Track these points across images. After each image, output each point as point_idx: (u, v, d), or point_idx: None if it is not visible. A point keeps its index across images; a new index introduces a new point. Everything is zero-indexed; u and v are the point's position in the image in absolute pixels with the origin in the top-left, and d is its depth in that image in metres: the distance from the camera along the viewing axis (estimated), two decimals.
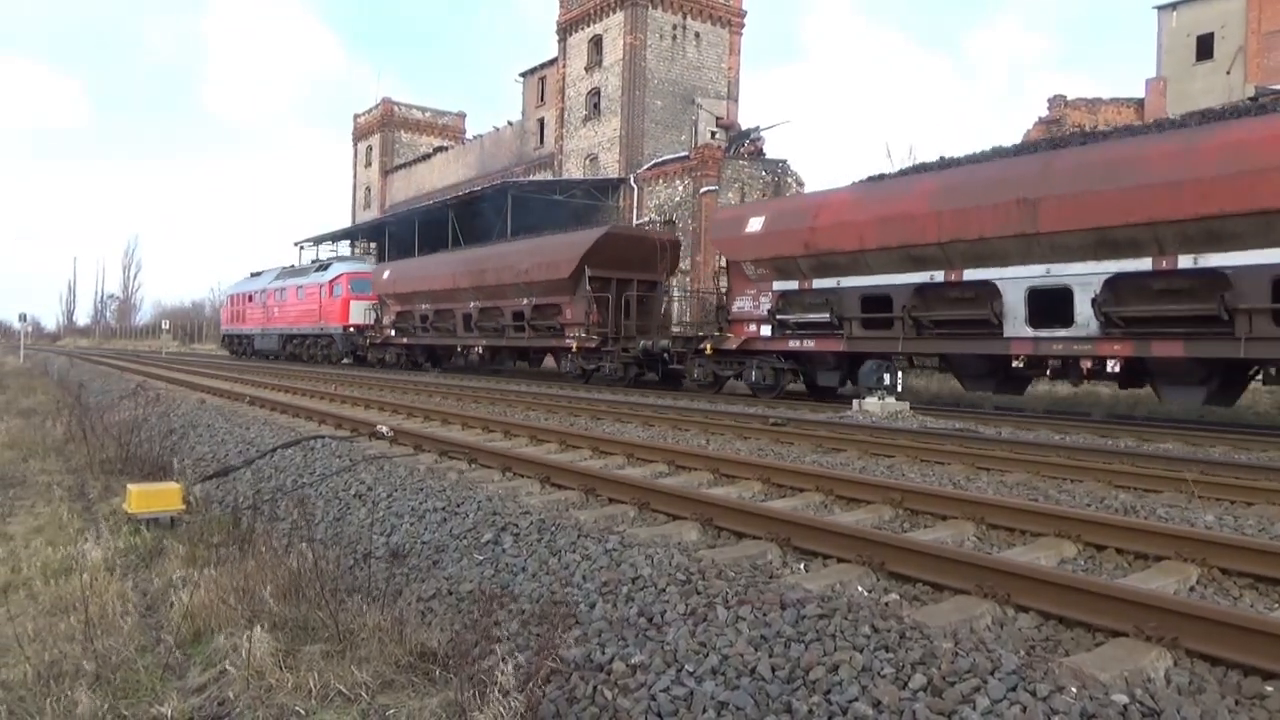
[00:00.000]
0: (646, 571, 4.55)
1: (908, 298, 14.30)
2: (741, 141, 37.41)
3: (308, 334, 35.69)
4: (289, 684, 3.79)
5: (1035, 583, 4.07)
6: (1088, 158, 12.29)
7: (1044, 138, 14.65)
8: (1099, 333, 12.09)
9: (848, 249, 14.95)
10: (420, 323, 28.36)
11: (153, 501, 7.00)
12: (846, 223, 14.99)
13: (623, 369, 20.44)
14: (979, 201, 13.09)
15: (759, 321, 16.89)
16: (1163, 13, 35.58)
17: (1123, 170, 11.58)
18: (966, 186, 13.60)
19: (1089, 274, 12.13)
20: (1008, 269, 13.00)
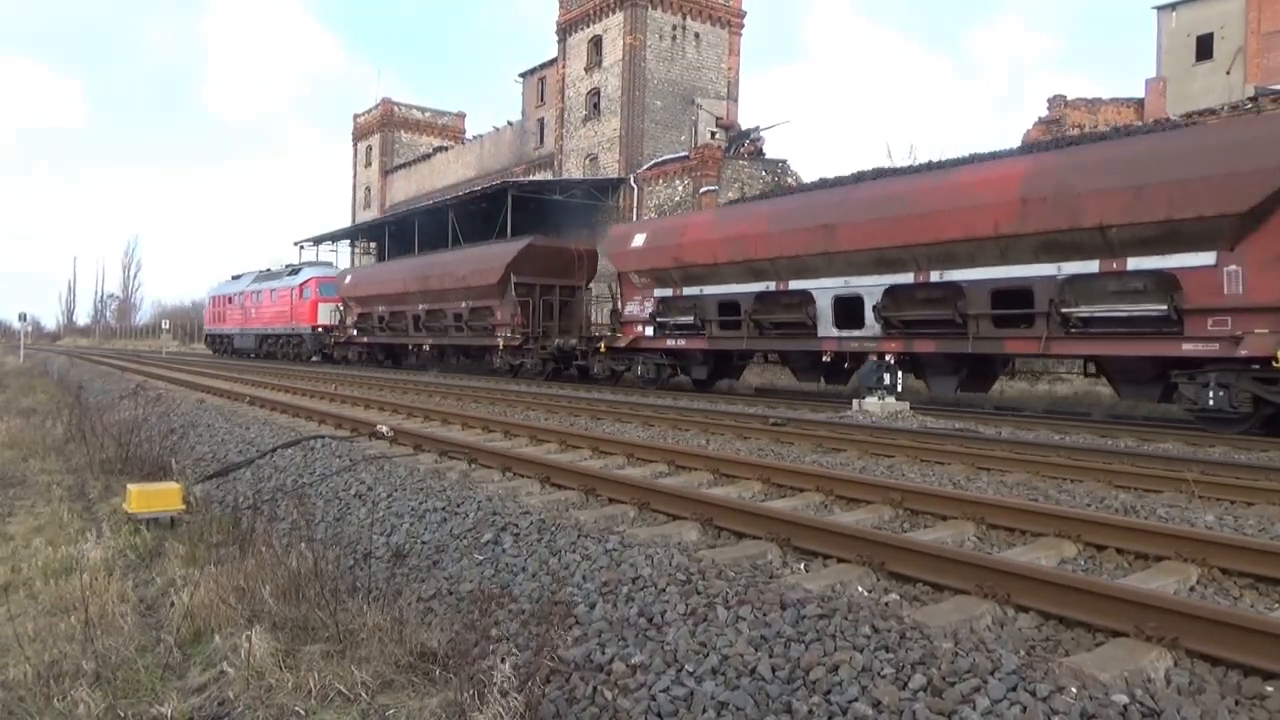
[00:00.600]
0: (646, 571, 4.55)
1: (750, 304, 17.13)
2: (741, 141, 37.42)
3: (281, 334, 38.43)
4: (289, 684, 3.79)
5: (1035, 583, 4.07)
6: (872, 192, 15.25)
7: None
8: (881, 333, 14.90)
9: (706, 262, 17.85)
10: (378, 323, 31.32)
11: (153, 501, 7.00)
12: (705, 241, 17.95)
13: (541, 364, 23.31)
14: (797, 225, 16.01)
15: (644, 323, 19.71)
16: (1162, 13, 35.59)
17: (895, 203, 14.37)
18: (790, 212, 16.49)
19: (873, 285, 14.90)
20: (819, 280, 15.85)
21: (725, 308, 17.78)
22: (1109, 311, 12.08)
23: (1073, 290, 12.39)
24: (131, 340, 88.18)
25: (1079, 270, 12.29)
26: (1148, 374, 12.47)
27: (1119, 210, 11.58)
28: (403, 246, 41.81)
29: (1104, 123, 28.85)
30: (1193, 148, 11.30)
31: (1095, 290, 12.22)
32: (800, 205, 16.65)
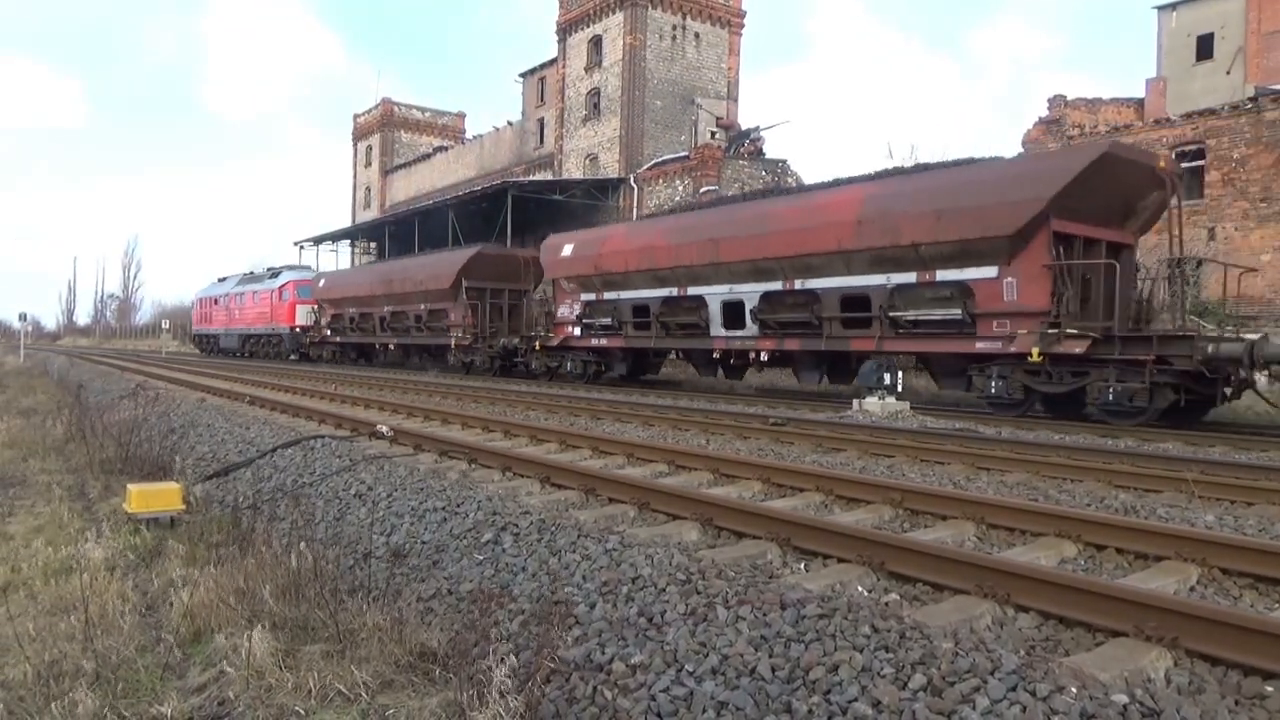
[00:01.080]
0: (646, 571, 4.55)
1: (658, 307, 19.47)
2: (741, 141, 37.43)
3: (262, 334, 40.83)
4: (289, 684, 3.79)
5: (1035, 583, 4.07)
6: (749, 211, 17.66)
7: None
8: (758, 333, 17.26)
9: (621, 270, 20.09)
10: (349, 324, 34.13)
11: (153, 501, 7.01)
12: (620, 251, 20.20)
13: (489, 361, 25.54)
14: (691, 239, 18.33)
15: (572, 324, 21.94)
16: (1162, 13, 35.58)
17: (766, 220, 16.79)
18: (686, 227, 18.92)
19: (752, 291, 17.16)
20: (710, 287, 18.09)
21: (638, 310, 20.12)
22: (925, 315, 14.40)
23: (899, 297, 14.73)
24: (131, 340, 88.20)
25: (902, 280, 14.61)
26: (955, 368, 14.58)
27: (927, 231, 13.90)
28: (403, 246, 41.82)
29: (1104, 123, 28.84)
30: (979, 180, 13.74)
31: (915, 297, 14.54)
32: (694, 221, 19.06)
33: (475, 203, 38.24)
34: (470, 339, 25.87)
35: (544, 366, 23.02)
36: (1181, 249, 13.56)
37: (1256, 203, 22.88)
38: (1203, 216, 24.10)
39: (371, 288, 31.87)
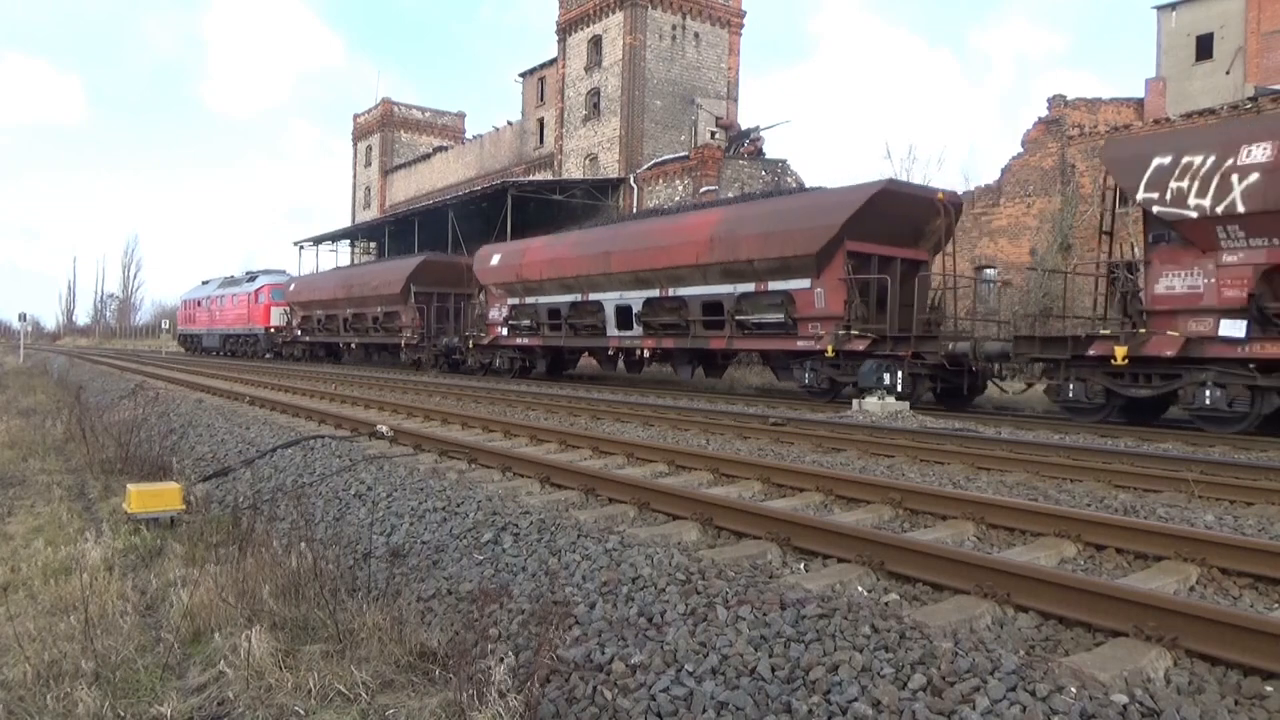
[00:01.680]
0: (646, 571, 4.55)
1: (567, 311, 22.28)
2: (741, 141, 37.45)
3: (240, 333, 43.98)
4: (288, 684, 3.78)
5: (1035, 583, 4.07)
6: (633, 229, 21.05)
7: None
8: (643, 334, 20.16)
9: (537, 278, 23.00)
10: (317, 325, 37.20)
11: (152, 501, 7.01)
12: (537, 261, 23.12)
13: (435, 359, 28.35)
14: (590, 252, 21.39)
15: (501, 325, 24.83)
16: (1162, 13, 35.59)
17: (646, 238, 19.85)
18: (587, 242, 22.01)
19: (637, 297, 20.04)
20: (606, 294, 20.91)
21: (552, 313, 22.98)
22: (762, 319, 17.25)
23: (743, 303, 17.56)
24: (131, 340, 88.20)
25: (744, 290, 17.46)
26: (784, 362, 17.69)
27: (759, 249, 16.79)
28: (403, 246, 41.86)
29: (1104, 123, 28.84)
30: (795, 208, 16.85)
31: (754, 304, 17.37)
32: (593, 237, 22.31)
33: (475, 203, 38.25)
34: (418, 339, 29.00)
35: (479, 363, 25.98)
36: (955, 265, 16.96)
37: None
38: None
39: (335, 291, 34.91)
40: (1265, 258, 10.93)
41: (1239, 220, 10.98)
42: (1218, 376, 11.29)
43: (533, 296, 23.47)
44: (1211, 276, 11.44)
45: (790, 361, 17.07)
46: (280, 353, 39.79)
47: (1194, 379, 11.51)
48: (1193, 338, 11.55)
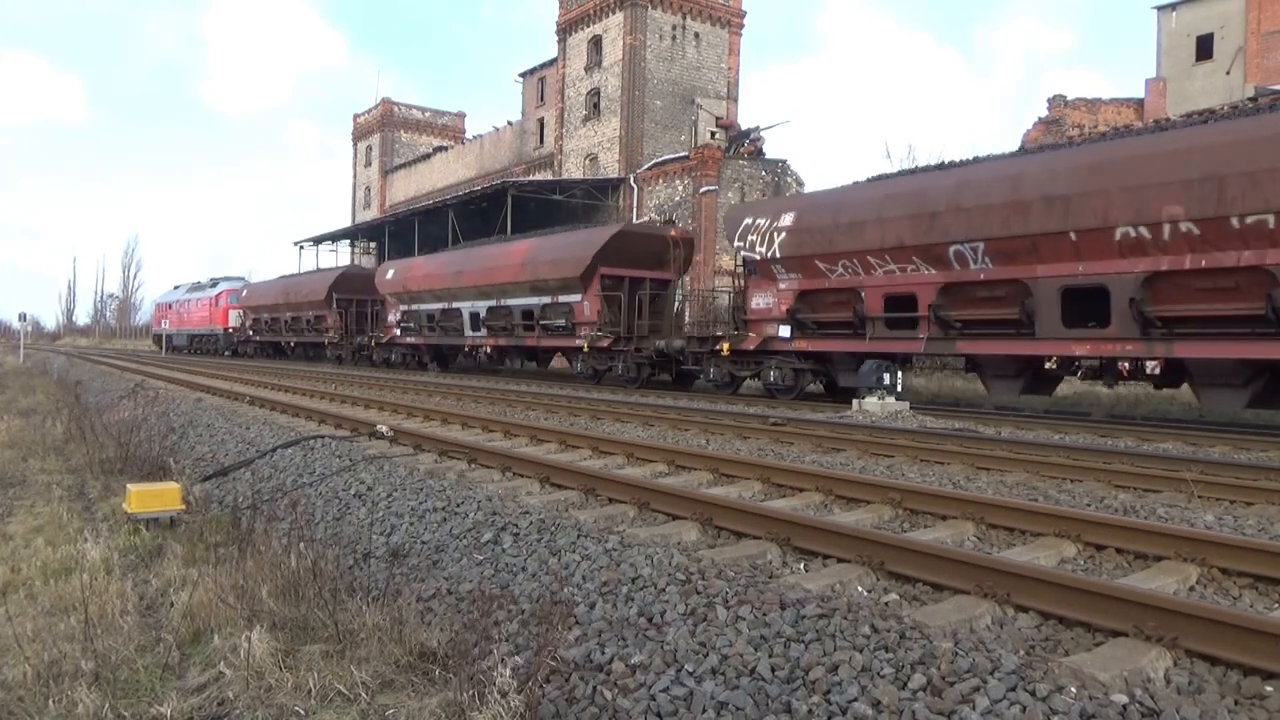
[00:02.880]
0: (646, 571, 4.55)
1: (439, 316, 28.34)
2: (741, 141, 37.43)
3: (204, 333, 49.33)
4: (288, 684, 3.78)
5: (1035, 583, 4.07)
6: (478, 252, 27.30)
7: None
8: (486, 334, 26.00)
9: (418, 290, 29.16)
10: (264, 326, 42.59)
11: (152, 501, 7.00)
12: (418, 276, 29.34)
13: (351, 354, 34.20)
14: (450, 269, 27.57)
15: (396, 327, 30.88)
16: (1162, 13, 35.59)
17: (485, 260, 26.06)
18: (449, 261, 28.34)
19: (482, 306, 26.01)
20: (464, 303, 26.86)
21: (429, 317, 28.88)
22: (554, 323, 23.04)
23: (546, 311, 23.35)
24: (131, 340, 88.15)
25: (545, 301, 23.38)
26: (570, 356, 23.83)
27: (551, 272, 22.76)
28: (403, 247, 41.89)
29: (1104, 123, 28.83)
30: (569, 241, 23.18)
31: (552, 312, 23.16)
32: (454, 258, 28.34)
33: (475, 203, 38.26)
34: (339, 338, 35.04)
35: (382, 358, 31.75)
36: (683, 285, 23.61)
37: None
38: None
39: (277, 297, 40.58)
40: (798, 285, 16.71)
41: (781, 261, 16.74)
42: (779, 362, 17.03)
43: (416, 304, 29.56)
44: (775, 297, 17.14)
45: (571, 354, 23.40)
46: (236, 350, 44.88)
47: (767, 364, 17.20)
48: (767, 337, 17.18)
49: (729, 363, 18.05)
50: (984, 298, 13.78)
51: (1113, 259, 11.90)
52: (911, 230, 14.24)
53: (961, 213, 13.53)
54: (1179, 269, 11.32)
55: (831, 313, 16.32)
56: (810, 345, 16.44)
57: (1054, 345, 12.74)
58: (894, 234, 14.50)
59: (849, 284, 15.67)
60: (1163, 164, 11.36)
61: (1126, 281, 11.79)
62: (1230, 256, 10.83)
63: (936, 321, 14.28)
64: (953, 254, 13.75)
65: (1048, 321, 12.76)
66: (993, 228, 13.06)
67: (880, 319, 15.28)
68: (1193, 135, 11.78)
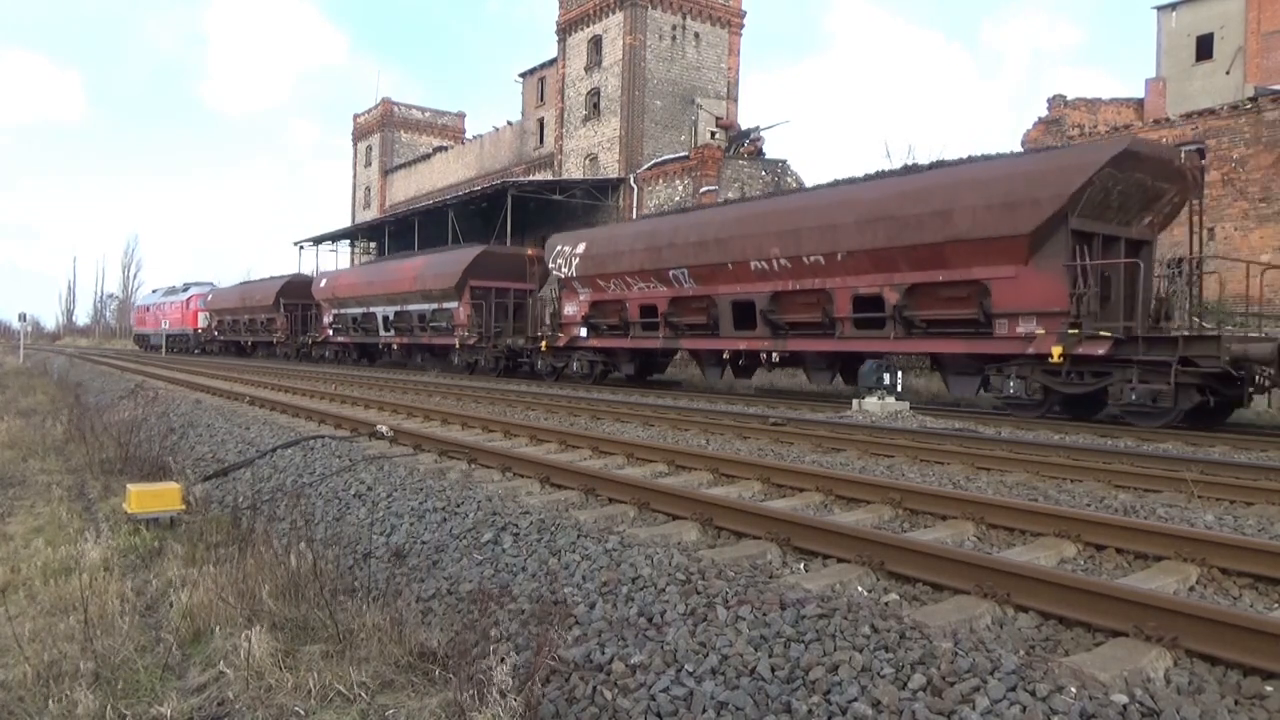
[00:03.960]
0: (646, 571, 4.55)
1: (361, 318, 33.71)
2: (741, 142, 37.44)
3: (177, 334, 54.34)
4: (288, 684, 3.78)
5: (1035, 582, 4.07)
6: (386, 265, 33.93)
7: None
8: (395, 334, 31.35)
9: (344, 297, 34.85)
10: (227, 326, 47.90)
11: (152, 501, 7.00)
12: (344, 285, 35.27)
13: (294, 351, 39.30)
14: (366, 279, 33.67)
15: (329, 328, 36.30)
16: (1162, 13, 35.58)
17: (393, 273, 31.67)
18: (366, 271, 35.31)
19: (391, 310, 31.44)
20: (379, 308, 32.28)
21: (354, 319, 34.39)
22: (438, 324, 28.55)
23: (432, 315, 28.86)
24: (131, 340, 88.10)
25: (434, 307, 28.84)
26: (444, 351, 28.86)
27: (435, 282, 28.22)
28: (402, 247, 41.89)
29: (1104, 123, 28.83)
30: (446, 258, 28.66)
31: (438, 316, 28.63)
32: (368, 270, 35.27)
33: (475, 203, 38.26)
34: (285, 337, 40.18)
35: (319, 354, 37.16)
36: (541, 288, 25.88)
37: (1256, 203, 22.88)
38: (1202, 217, 24.12)
39: (236, 301, 46.45)
40: (590, 298, 21.84)
41: (577, 279, 21.92)
42: (579, 356, 22.37)
43: (343, 309, 35.14)
44: (577, 306, 22.22)
45: (450, 351, 28.30)
46: (204, 348, 49.91)
47: (575, 358, 22.49)
48: (573, 338, 22.33)
49: (549, 356, 23.16)
50: (694, 308, 19.03)
51: (753, 283, 17.31)
52: (649, 259, 19.65)
53: (675, 247, 18.99)
54: (785, 290, 16.78)
55: (611, 318, 21.48)
56: (600, 343, 21.79)
57: (728, 342, 18.27)
58: (639, 261, 19.96)
59: (619, 297, 20.98)
60: (771, 220, 16.90)
61: (762, 298, 17.14)
62: (807, 282, 16.34)
63: (668, 325, 19.71)
64: (672, 276, 19.16)
65: (725, 325, 18.20)
66: (691, 259, 18.57)
67: (638, 323, 20.57)
68: (785, 200, 18.53)
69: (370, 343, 33.61)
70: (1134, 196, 12.94)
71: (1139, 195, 13.00)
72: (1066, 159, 13.03)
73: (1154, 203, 13.36)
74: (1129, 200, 12.95)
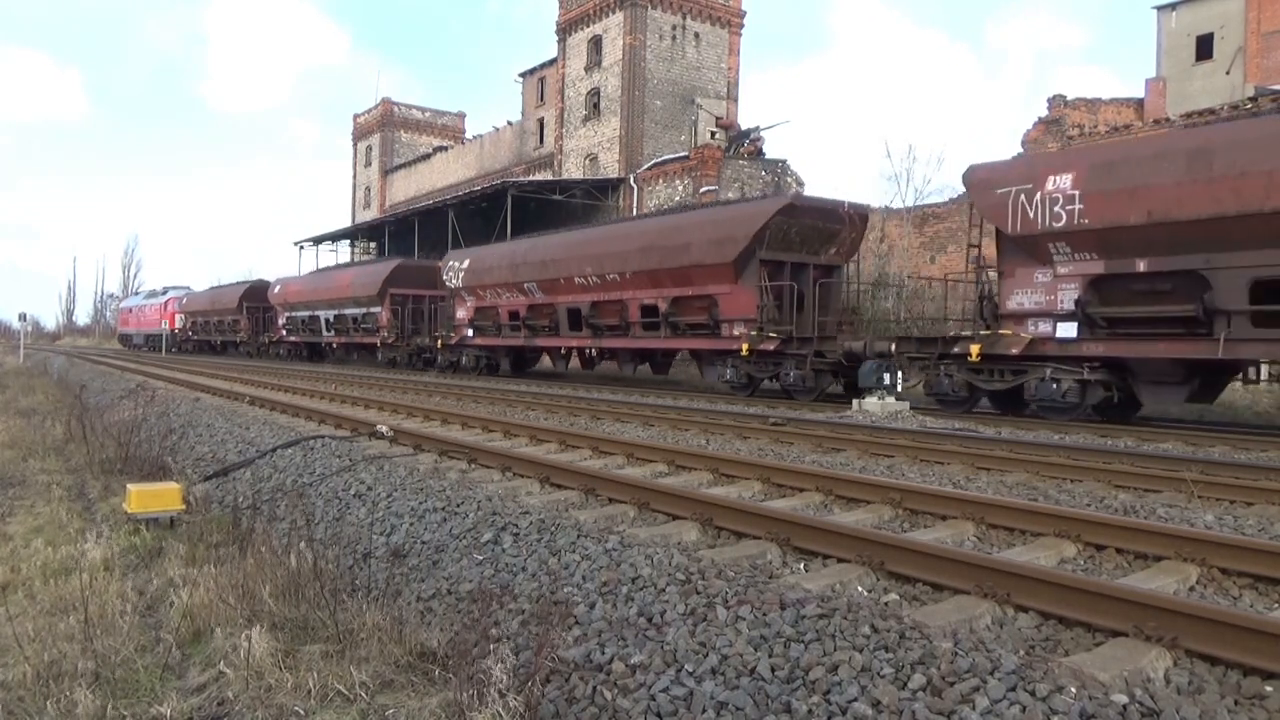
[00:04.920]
0: (646, 571, 4.55)
1: (307, 320, 37.93)
2: (741, 141, 37.44)
3: (156, 334, 58.43)
4: (288, 684, 3.78)
5: (1035, 582, 4.07)
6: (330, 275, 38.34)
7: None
8: (334, 335, 36.02)
9: (295, 301, 38.71)
10: (199, 327, 52.28)
11: (152, 501, 7.00)
12: (294, 292, 38.92)
13: (256, 348, 43.76)
14: (312, 286, 37.95)
15: (283, 329, 40.38)
16: (1162, 13, 35.59)
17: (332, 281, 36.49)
18: (312, 280, 39.23)
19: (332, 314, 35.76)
20: (320, 311, 36.38)
21: (303, 321, 38.55)
22: (367, 326, 32.59)
23: (362, 318, 32.85)
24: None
25: (363, 311, 32.79)
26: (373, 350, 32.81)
27: (363, 290, 32.23)
28: (403, 247, 41.92)
29: (1104, 123, 28.83)
30: (369, 270, 33.76)
31: (366, 319, 32.63)
32: (314, 277, 39.64)
33: (475, 203, 38.26)
34: (247, 337, 44.48)
35: (275, 352, 41.19)
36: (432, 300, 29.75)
37: None
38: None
39: (206, 304, 51.24)
40: (474, 304, 26.37)
41: (463, 289, 26.64)
42: (466, 353, 26.78)
43: (294, 312, 39.33)
44: (465, 311, 26.94)
45: (376, 349, 32.29)
46: (180, 347, 53.97)
47: (464, 354, 26.89)
48: (462, 336, 27.11)
49: (445, 352, 27.56)
50: (543, 313, 23.61)
51: (579, 294, 21.81)
52: (509, 274, 24.20)
53: (525, 265, 23.56)
54: (599, 300, 21.24)
55: (489, 321, 25.87)
56: (483, 341, 26.24)
57: (564, 340, 23.27)
58: (502, 276, 24.57)
59: (493, 304, 25.43)
60: (588, 246, 21.73)
61: (585, 305, 21.65)
62: (612, 294, 20.75)
63: (526, 327, 24.13)
64: (527, 288, 23.64)
65: (563, 327, 22.73)
66: (537, 274, 23.02)
67: (507, 325, 25.04)
68: (596, 231, 24.38)
69: (315, 341, 38.13)
70: (812, 234, 17.66)
71: (816, 234, 17.72)
72: (751, 209, 17.89)
73: (832, 239, 18.08)
74: (809, 237, 17.62)
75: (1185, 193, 11.10)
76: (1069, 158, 14.01)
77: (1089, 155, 13.29)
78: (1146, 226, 11.47)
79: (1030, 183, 12.78)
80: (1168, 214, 11.23)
